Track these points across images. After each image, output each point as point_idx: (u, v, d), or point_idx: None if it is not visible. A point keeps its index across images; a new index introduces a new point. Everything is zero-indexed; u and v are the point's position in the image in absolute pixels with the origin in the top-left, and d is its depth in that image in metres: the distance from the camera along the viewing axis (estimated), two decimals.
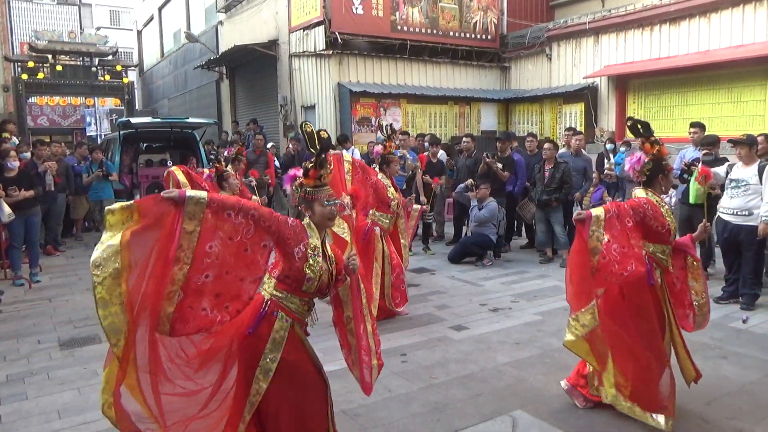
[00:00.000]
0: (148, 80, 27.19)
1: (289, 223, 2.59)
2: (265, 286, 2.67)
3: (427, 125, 13.08)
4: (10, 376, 4.23)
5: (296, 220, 2.66)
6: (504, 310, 5.70)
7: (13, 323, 5.53)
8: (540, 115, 13.51)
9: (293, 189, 2.81)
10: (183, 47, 21.04)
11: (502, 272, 7.31)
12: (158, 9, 24.38)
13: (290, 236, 2.56)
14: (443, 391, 3.85)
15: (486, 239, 7.76)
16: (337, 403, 3.67)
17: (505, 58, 14.68)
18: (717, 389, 3.84)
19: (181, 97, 22.16)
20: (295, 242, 2.57)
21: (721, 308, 5.64)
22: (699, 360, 4.29)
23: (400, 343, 4.77)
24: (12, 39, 28.97)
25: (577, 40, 12.72)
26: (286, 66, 14.37)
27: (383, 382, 3.99)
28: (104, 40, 20.82)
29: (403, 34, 13.11)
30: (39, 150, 8.56)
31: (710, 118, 9.83)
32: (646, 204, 3.32)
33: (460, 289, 6.48)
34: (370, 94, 12.43)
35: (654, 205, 3.34)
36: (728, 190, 5.80)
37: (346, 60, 12.66)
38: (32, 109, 21.59)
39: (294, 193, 2.81)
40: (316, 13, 12.56)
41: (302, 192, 2.73)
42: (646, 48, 11.39)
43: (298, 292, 2.62)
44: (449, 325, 5.21)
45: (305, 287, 2.61)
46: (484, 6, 14.25)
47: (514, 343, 4.76)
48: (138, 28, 28.45)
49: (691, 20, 10.65)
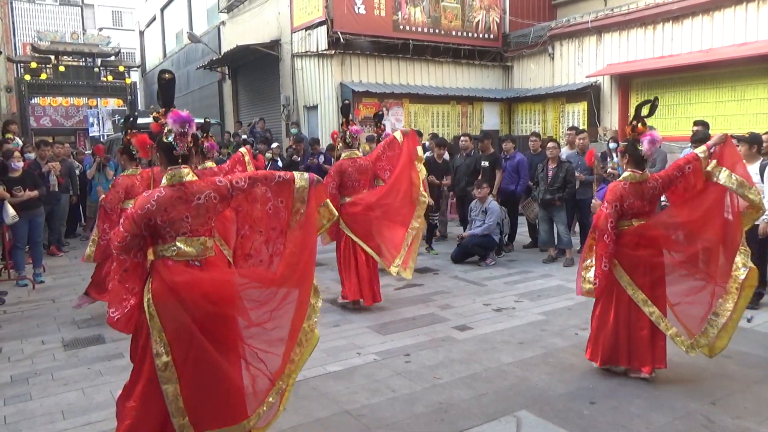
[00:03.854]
0: (151, 81, 27.20)
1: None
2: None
3: (429, 125, 13.07)
4: (14, 377, 4.23)
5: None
6: (508, 309, 5.69)
7: (17, 324, 5.54)
8: (543, 114, 13.49)
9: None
10: (185, 48, 21.08)
11: (505, 272, 7.29)
12: (160, 9, 24.41)
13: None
14: (447, 392, 3.84)
15: (489, 240, 7.74)
16: (341, 403, 3.68)
17: (507, 58, 14.67)
18: (722, 388, 3.83)
19: (184, 97, 22.17)
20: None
21: None
22: (703, 359, 4.29)
23: (403, 343, 4.76)
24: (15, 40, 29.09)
25: (580, 39, 12.70)
26: (288, 66, 14.38)
27: (386, 382, 3.99)
28: (107, 40, 20.89)
29: (405, 34, 13.10)
30: (42, 150, 8.57)
31: (713, 117, 9.79)
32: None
33: (464, 289, 6.47)
34: (372, 93, 12.43)
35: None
36: None
37: (348, 60, 12.65)
38: (35, 110, 21.63)
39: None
40: (319, 12, 12.56)
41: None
42: (649, 46, 11.37)
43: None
44: (453, 325, 5.20)
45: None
46: (487, 5, 14.24)
47: (518, 343, 4.75)
48: (140, 29, 28.50)
49: (693, 18, 10.62)
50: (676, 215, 4.01)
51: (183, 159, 2.83)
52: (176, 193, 2.74)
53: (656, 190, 3.92)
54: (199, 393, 2.70)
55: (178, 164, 2.81)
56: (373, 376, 4.10)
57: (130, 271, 2.72)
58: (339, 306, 5.85)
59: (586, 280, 4.01)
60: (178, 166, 2.80)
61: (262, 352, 2.88)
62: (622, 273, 3.91)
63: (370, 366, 4.29)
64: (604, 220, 3.86)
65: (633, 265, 3.88)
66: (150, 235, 2.74)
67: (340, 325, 5.27)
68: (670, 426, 3.36)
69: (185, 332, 2.67)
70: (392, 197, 5.70)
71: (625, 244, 3.90)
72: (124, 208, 5.48)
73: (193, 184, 2.79)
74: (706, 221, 3.90)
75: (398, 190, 5.70)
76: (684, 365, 4.20)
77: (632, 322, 3.93)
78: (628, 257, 3.89)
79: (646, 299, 3.85)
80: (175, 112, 2.83)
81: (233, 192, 2.86)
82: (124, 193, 5.59)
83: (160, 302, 2.68)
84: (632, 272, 3.89)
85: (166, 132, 2.81)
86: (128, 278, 2.72)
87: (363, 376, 4.11)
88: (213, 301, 2.72)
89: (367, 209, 5.62)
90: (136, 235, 2.69)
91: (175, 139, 2.80)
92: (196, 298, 2.69)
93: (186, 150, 2.83)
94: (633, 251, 3.89)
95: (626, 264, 3.90)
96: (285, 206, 2.92)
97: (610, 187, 4.02)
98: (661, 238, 3.94)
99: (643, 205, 3.90)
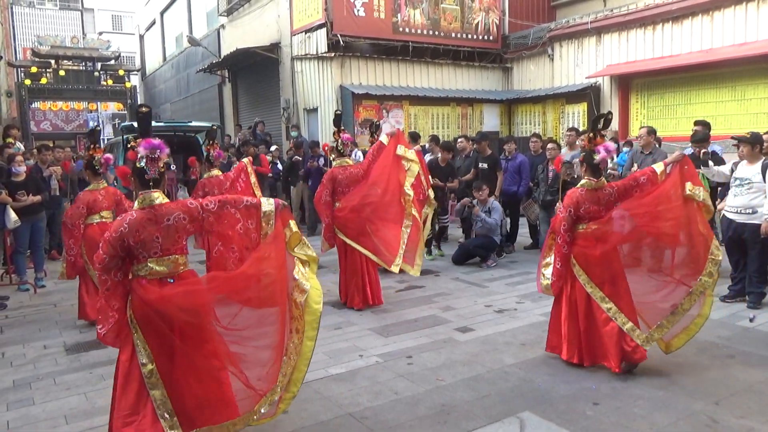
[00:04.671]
0: (151, 84, 27.26)
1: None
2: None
3: (429, 127, 13.08)
4: (16, 382, 4.23)
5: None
6: (509, 311, 5.68)
7: (19, 328, 5.54)
8: (543, 115, 13.49)
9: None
10: (185, 51, 21.10)
11: (506, 273, 7.29)
12: (160, 13, 24.44)
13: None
14: (450, 393, 3.84)
15: (489, 241, 7.75)
16: (344, 405, 3.68)
17: (507, 59, 14.68)
18: (725, 388, 3.82)
19: (184, 101, 22.20)
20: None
21: (727, 307, 5.61)
22: (706, 359, 4.30)
23: (405, 345, 4.76)
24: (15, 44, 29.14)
25: (579, 39, 12.71)
26: (288, 69, 14.39)
27: (389, 384, 3.99)
28: (107, 44, 20.91)
29: (404, 36, 13.11)
30: (43, 155, 8.58)
31: (714, 117, 9.79)
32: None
33: (465, 291, 6.47)
34: (372, 96, 12.44)
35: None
36: (732, 189, 5.78)
37: (348, 62, 12.67)
38: (35, 114, 21.67)
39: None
40: (318, 15, 12.57)
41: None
42: (649, 47, 11.37)
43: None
44: (455, 327, 5.20)
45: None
46: (486, 7, 14.25)
47: (520, 344, 4.75)
48: (140, 33, 28.53)
49: (693, 18, 10.63)
50: (631, 215, 4.20)
51: (154, 183, 3.03)
52: (147, 215, 2.95)
53: (612, 197, 4.17)
54: (186, 395, 2.91)
55: (149, 188, 3.01)
56: (376, 378, 4.10)
57: (111, 289, 2.94)
58: (340, 308, 5.85)
59: (544, 277, 4.38)
60: (149, 190, 3.00)
61: (248, 355, 3.08)
62: (581, 272, 4.17)
63: (372, 368, 4.29)
64: (559, 223, 4.25)
65: (590, 264, 4.14)
66: (126, 255, 2.95)
67: (342, 327, 5.27)
68: (674, 427, 3.35)
69: (167, 342, 2.90)
70: (376, 195, 5.77)
71: (583, 245, 4.18)
72: (90, 223, 5.52)
73: (162, 207, 2.99)
74: (660, 220, 4.13)
75: (382, 187, 5.76)
76: (686, 365, 4.20)
77: (595, 318, 4.16)
78: (585, 257, 4.16)
79: (603, 296, 4.10)
80: (147, 140, 3.03)
81: (203, 214, 3.04)
82: (86, 208, 5.53)
83: (140, 318, 2.92)
84: (589, 271, 4.15)
85: (139, 158, 3.02)
86: (111, 296, 2.93)
87: (365, 378, 4.11)
88: (187, 311, 2.93)
89: (354, 211, 5.75)
90: (113, 256, 2.90)
91: (147, 164, 3.01)
92: (172, 312, 2.90)
93: (157, 174, 3.03)
94: (590, 251, 4.14)
95: (584, 263, 4.16)
96: (254, 228, 3.10)
97: (568, 193, 4.32)
98: (615, 236, 4.17)
99: (599, 210, 4.16)
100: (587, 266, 4.15)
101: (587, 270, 4.15)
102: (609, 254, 4.12)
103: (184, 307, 2.93)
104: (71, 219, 5.47)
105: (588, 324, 4.17)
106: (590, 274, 4.14)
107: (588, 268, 4.15)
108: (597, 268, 4.12)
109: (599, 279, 4.12)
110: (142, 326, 2.91)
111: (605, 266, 4.12)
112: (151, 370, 2.88)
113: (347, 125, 12.33)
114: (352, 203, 5.77)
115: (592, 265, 4.13)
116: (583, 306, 4.19)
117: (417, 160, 5.88)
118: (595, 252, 4.12)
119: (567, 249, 4.20)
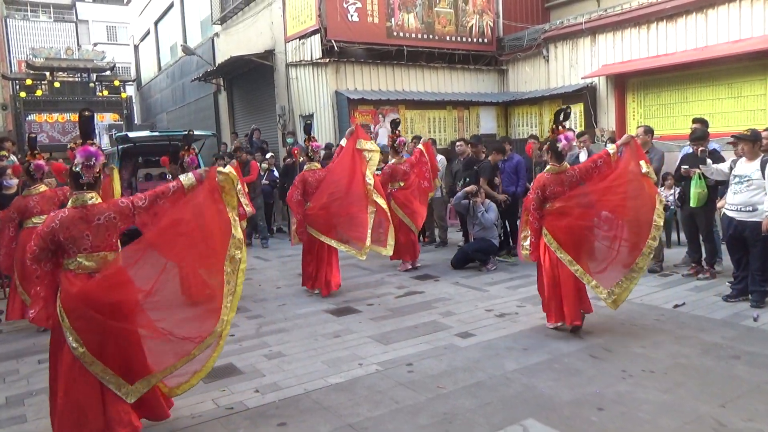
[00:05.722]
0: (146, 94, 27.23)
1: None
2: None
3: (426, 130, 13.02)
4: (9, 398, 4.15)
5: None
6: (510, 315, 5.61)
7: (13, 343, 5.46)
8: (539, 116, 13.45)
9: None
10: (180, 60, 21.07)
11: (506, 277, 7.22)
12: (154, 23, 24.44)
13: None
14: (451, 401, 3.77)
15: (489, 245, 7.68)
16: (343, 416, 3.60)
17: (502, 61, 14.64)
18: (731, 390, 3.76)
19: (180, 110, 22.16)
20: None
21: (730, 306, 5.55)
22: (711, 360, 4.24)
23: (406, 352, 4.69)
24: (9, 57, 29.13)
25: (574, 40, 12.68)
26: (283, 75, 14.36)
27: (389, 393, 3.91)
28: (101, 55, 20.85)
29: (399, 40, 13.07)
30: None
31: (711, 114, 9.74)
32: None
33: (465, 296, 6.40)
34: (368, 101, 12.39)
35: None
36: (732, 186, 5.73)
37: (342, 68, 12.63)
38: (31, 127, 21.51)
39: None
40: (312, 21, 12.54)
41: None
42: (644, 46, 11.34)
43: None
44: (455, 333, 5.13)
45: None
46: (480, 9, 14.23)
47: (522, 348, 4.68)
48: (135, 43, 28.53)
49: (687, 17, 10.60)
50: (589, 192, 4.98)
51: (89, 186, 3.30)
52: (78, 213, 3.22)
53: (574, 178, 4.94)
54: (121, 359, 3.25)
55: (83, 190, 3.28)
56: (376, 387, 4.03)
57: (41, 278, 3.23)
58: (339, 316, 5.79)
59: (524, 248, 5.18)
60: (82, 191, 3.27)
61: (171, 321, 3.42)
62: (552, 240, 4.92)
63: (372, 377, 4.21)
64: (528, 202, 5.09)
65: (558, 233, 4.90)
66: (56, 249, 3.21)
67: (341, 335, 5.20)
68: (681, 431, 3.29)
69: (94, 323, 3.17)
70: (340, 190, 6.48)
71: (552, 220, 4.95)
72: (26, 227, 5.70)
73: (95, 207, 3.26)
74: (613, 194, 4.93)
75: (345, 182, 6.48)
76: (691, 367, 4.14)
77: (563, 279, 4.89)
78: (554, 228, 4.92)
79: (571, 260, 4.84)
80: (84, 147, 3.27)
81: (134, 211, 3.33)
82: (17, 213, 5.73)
83: (67, 307, 3.19)
84: (559, 239, 4.89)
85: (75, 163, 3.26)
86: (39, 284, 3.23)
87: (365, 387, 4.03)
88: (108, 295, 3.22)
89: (323, 208, 6.45)
90: (43, 248, 3.18)
91: (82, 169, 3.25)
92: (96, 298, 3.19)
93: (92, 179, 3.30)
94: (557, 223, 4.91)
95: (553, 233, 4.92)
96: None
97: (537, 177, 5.19)
98: (576, 211, 4.90)
99: (563, 190, 4.93)
100: (556, 235, 4.90)
101: (556, 238, 4.89)
102: (573, 225, 4.87)
103: (107, 294, 3.21)
104: (2, 222, 5.77)
105: (559, 287, 4.92)
106: (559, 241, 4.88)
107: (557, 237, 4.89)
108: (564, 236, 4.87)
109: (567, 245, 4.85)
110: (69, 315, 3.17)
111: (570, 235, 4.86)
112: (83, 353, 3.17)
113: (343, 131, 12.30)
114: (321, 201, 6.46)
115: (560, 234, 4.88)
116: (556, 270, 4.93)
117: (377, 149, 6.69)
118: (561, 224, 4.88)
119: (537, 224, 5.01)
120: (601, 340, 4.78)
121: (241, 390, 4.07)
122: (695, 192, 6.34)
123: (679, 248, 8.15)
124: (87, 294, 3.18)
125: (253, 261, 9.18)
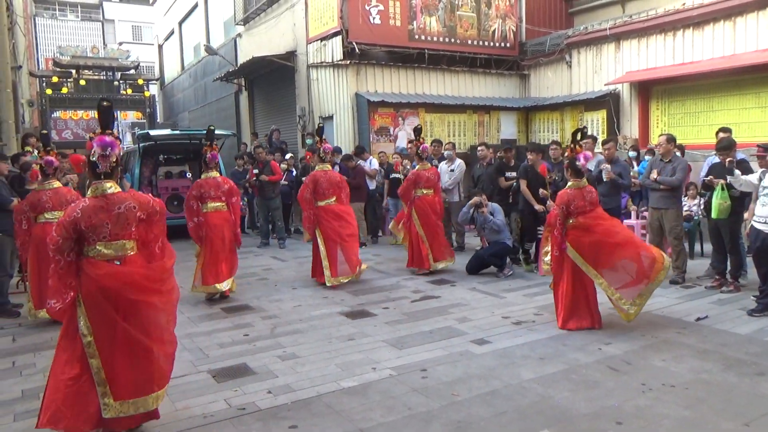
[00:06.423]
0: (169, 93, 27.55)
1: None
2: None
3: (446, 134, 12.96)
4: (25, 392, 4.18)
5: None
6: (527, 323, 5.53)
7: (31, 337, 5.52)
8: (561, 123, 13.30)
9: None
10: (202, 60, 21.28)
11: (524, 284, 7.13)
12: (178, 23, 24.72)
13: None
14: (465, 409, 3.70)
15: (503, 247, 7.56)
16: (355, 421, 3.56)
17: (524, 66, 14.53)
18: (755, 409, 3.64)
19: (201, 109, 22.37)
20: None
21: (755, 321, 5.40)
22: (734, 376, 4.11)
23: (420, 358, 4.63)
24: (38, 55, 29.69)
25: (598, 46, 12.52)
26: (304, 77, 14.41)
27: (402, 399, 3.86)
28: (126, 54, 21.18)
29: (420, 44, 13.04)
30: (61, 163, 8.61)
31: (737, 124, 9.54)
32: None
33: (482, 302, 6.33)
34: (388, 103, 12.37)
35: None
36: (760, 198, 5.58)
37: (363, 70, 12.63)
38: (57, 124, 21.96)
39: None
40: (334, 23, 12.57)
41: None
42: (669, 53, 11.15)
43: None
44: (471, 339, 5.06)
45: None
46: (503, 14, 14.14)
47: (539, 358, 4.60)
48: (159, 42, 28.89)
49: (715, 24, 10.40)
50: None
51: (105, 175, 3.35)
52: (98, 203, 3.28)
53: (592, 194, 5.30)
54: (118, 368, 3.24)
55: (101, 179, 3.34)
56: (389, 392, 3.98)
57: (65, 268, 3.24)
58: (353, 319, 5.75)
59: (545, 263, 5.43)
60: (101, 181, 3.34)
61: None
62: (577, 255, 5.15)
63: (385, 381, 4.17)
64: (553, 218, 5.26)
65: (582, 248, 5.13)
66: (78, 238, 3.25)
67: (355, 338, 5.16)
68: None
69: (108, 318, 3.22)
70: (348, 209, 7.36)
71: (575, 234, 5.18)
72: (39, 222, 5.75)
73: (114, 196, 3.33)
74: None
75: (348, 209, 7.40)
76: (713, 383, 4.02)
77: (589, 291, 5.22)
78: (578, 243, 5.14)
79: (597, 274, 5.11)
80: (101, 137, 3.32)
81: (152, 204, 3.50)
82: (30, 207, 5.78)
83: (86, 293, 3.24)
84: (583, 254, 5.13)
85: (92, 152, 3.31)
86: (65, 274, 3.24)
87: (378, 392, 3.99)
88: (132, 289, 3.28)
89: (335, 217, 7.11)
90: (66, 238, 3.21)
91: (98, 159, 3.31)
92: (118, 287, 3.25)
93: (108, 169, 3.35)
94: (581, 238, 5.15)
95: (578, 248, 5.15)
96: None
97: (560, 193, 5.40)
98: (599, 228, 5.19)
99: (585, 205, 5.20)
100: (580, 251, 5.12)
101: (581, 254, 5.12)
102: (596, 242, 5.11)
103: (130, 285, 3.27)
104: (17, 215, 5.83)
105: (586, 296, 5.23)
106: (584, 256, 5.12)
107: (581, 252, 5.12)
108: (588, 251, 5.10)
109: (590, 260, 5.09)
110: (85, 301, 3.23)
111: (594, 250, 5.10)
112: (90, 342, 3.22)
113: (362, 133, 12.31)
114: (335, 210, 7.21)
115: (584, 250, 5.11)
116: (580, 282, 5.20)
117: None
118: (585, 240, 5.12)
119: (561, 239, 5.17)
120: (620, 352, 4.68)
121: (253, 390, 4.05)
122: (717, 203, 6.19)
123: (702, 260, 7.98)
124: (111, 275, 3.26)
125: (270, 261, 9.20)
